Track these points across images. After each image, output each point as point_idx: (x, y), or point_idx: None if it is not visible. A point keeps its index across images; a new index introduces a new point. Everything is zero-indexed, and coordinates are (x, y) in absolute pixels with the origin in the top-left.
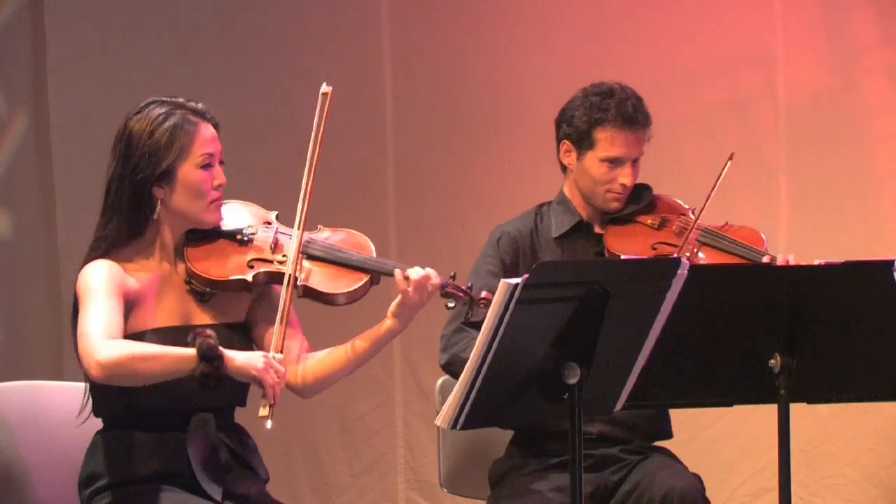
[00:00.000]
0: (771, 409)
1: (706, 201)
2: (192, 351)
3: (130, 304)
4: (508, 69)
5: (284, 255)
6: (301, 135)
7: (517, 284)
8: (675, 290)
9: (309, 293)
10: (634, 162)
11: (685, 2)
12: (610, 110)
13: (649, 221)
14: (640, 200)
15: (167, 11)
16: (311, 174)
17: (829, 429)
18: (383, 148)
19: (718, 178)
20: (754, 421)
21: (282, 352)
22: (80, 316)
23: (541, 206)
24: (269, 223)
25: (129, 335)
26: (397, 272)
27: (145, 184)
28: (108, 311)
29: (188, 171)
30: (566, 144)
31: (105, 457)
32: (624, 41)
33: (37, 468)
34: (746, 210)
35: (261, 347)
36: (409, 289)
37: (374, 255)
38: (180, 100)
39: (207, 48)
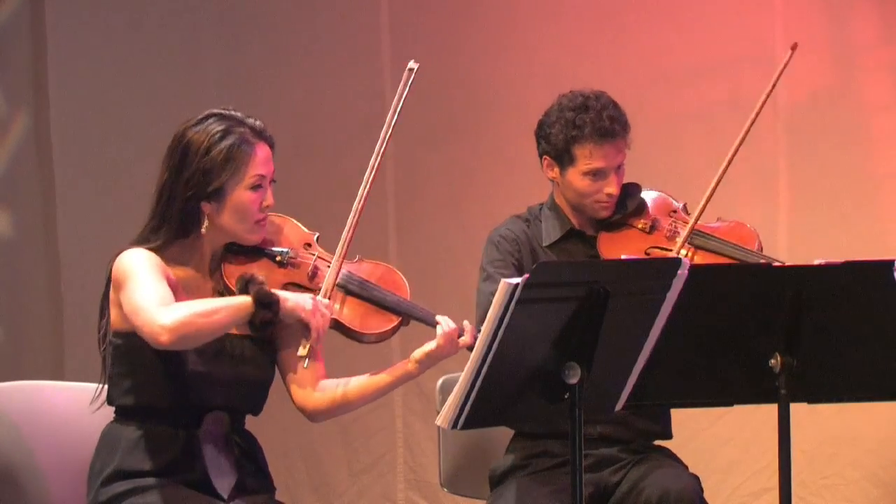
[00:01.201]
0: (771, 409)
1: (702, 207)
2: (247, 299)
3: None
4: (508, 68)
5: (321, 286)
6: (301, 134)
7: (517, 284)
8: (675, 290)
9: (338, 327)
10: (618, 169)
11: (685, 1)
12: (586, 126)
13: (640, 225)
14: (631, 203)
15: (167, 11)
16: (363, 202)
17: (830, 429)
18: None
19: (716, 184)
20: (754, 421)
21: (329, 298)
22: (130, 293)
23: (530, 208)
24: (310, 245)
25: None
26: (440, 322)
27: (196, 199)
28: (157, 284)
29: (239, 192)
30: (546, 160)
31: (117, 448)
32: (623, 41)
33: (37, 468)
34: (746, 210)
35: (284, 368)
36: (441, 342)
37: (409, 296)
38: (240, 115)
39: (207, 48)
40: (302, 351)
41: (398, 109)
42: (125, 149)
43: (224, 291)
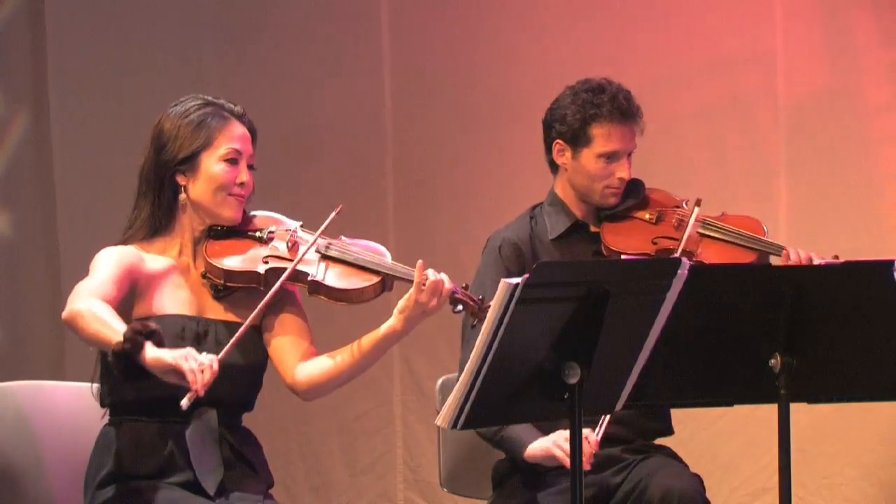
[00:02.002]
0: (771, 409)
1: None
2: (123, 327)
3: (143, 288)
4: (508, 68)
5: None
6: (300, 135)
7: (517, 284)
8: (675, 289)
9: (318, 288)
10: (629, 155)
11: (685, 1)
12: (604, 105)
13: (646, 216)
14: (634, 195)
15: (167, 11)
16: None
17: (829, 429)
18: (383, 146)
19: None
20: (754, 421)
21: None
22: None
23: (532, 208)
24: (291, 228)
25: (140, 318)
26: (418, 265)
27: (168, 166)
28: (103, 279)
29: (211, 161)
30: (559, 144)
31: (110, 450)
32: (623, 40)
33: (38, 467)
34: (746, 210)
35: (271, 349)
36: (424, 287)
37: (389, 261)
38: (221, 101)
39: (207, 47)
40: (184, 402)
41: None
42: (125, 149)
43: (207, 275)
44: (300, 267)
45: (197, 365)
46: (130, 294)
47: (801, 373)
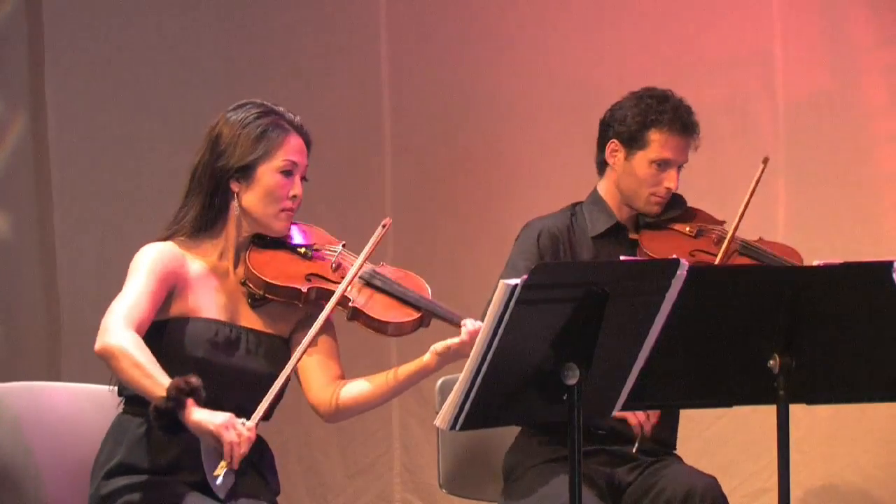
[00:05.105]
0: (770, 410)
1: (743, 209)
2: (166, 382)
3: (181, 288)
4: (507, 70)
5: (343, 278)
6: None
7: (516, 285)
8: (674, 290)
9: (358, 316)
10: (679, 168)
11: (684, 2)
12: (667, 113)
13: (687, 230)
14: (676, 209)
15: (165, 13)
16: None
17: (828, 429)
18: (381, 146)
19: (754, 187)
20: (753, 422)
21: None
22: (123, 289)
23: (574, 205)
24: (335, 249)
25: (174, 318)
26: (463, 329)
27: (224, 173)
28: (139, 295)
29: (268, 172)
30: (614, 143)
31: (122, 441)
32: (623, 41)
33: (34, 468)
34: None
35: (300, 369)
36: (466, 338)
37: (430, 297)
38: (280, 109)
39: (205, 48)
40: (217, 470)
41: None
42: (122, 151)
43: (247, 283)
44: (339, 288)
45: (236, 437)
46: (168, 294)
47: (800, 374)
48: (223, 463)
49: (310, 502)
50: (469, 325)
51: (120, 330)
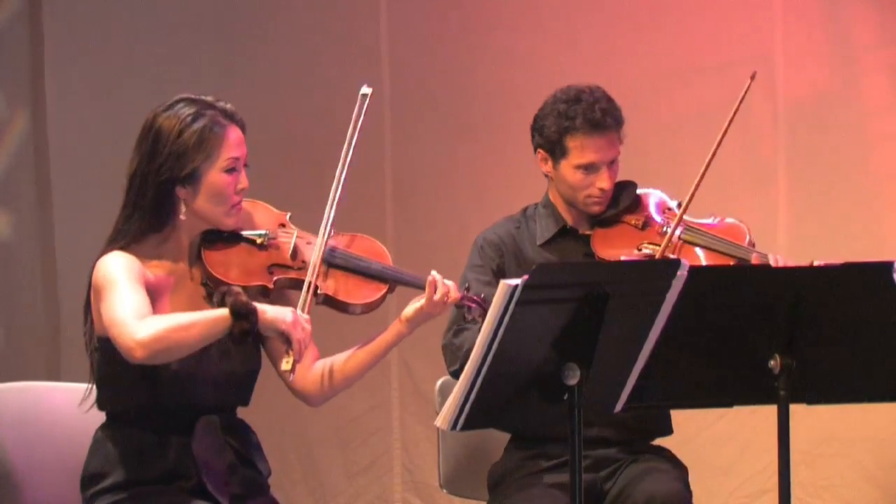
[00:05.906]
0: (770, 410)
1: (689, 197)
2: (224, 311)
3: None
4: (507, 69)
5: (304, 262)
6: (298, 134)
7: (517, 286)
8: (674, 291)
9: (328, 301)
10: (611, 164)
11: (685, 2)
12: (577, 117)
13: (633, 221)
14: (624, 200)
15: (166, 12)
16: (340, 183)
17: (829, 430)
18: (381, 147)
19: (705, 169)
20: (754, 422)
21: (308, 313)
22: (107, 305)
23: (525, 209)
24: (284, 225)
25: None
26: (429, 280)
27: (170, 184)
28: (134, 295)
29: (213, 175)
30: (541, 153)
31: (110, 456)
32: (623, 41)
33: (34, 469)
34: (745, 210)
35: (274, 357)
36: (436, 299)
37: (390, 262)
38: (209, 99)
39: (204, 49)
40: (285, 365)
41: (354, 136)
42: (122, 151)
43: (207, 282)
44: (308, 277)
45: (303, 334)
46: None
47: (801, 374)
48: (290, 359)
49: (310, 502)
50: (439, 283)
51: (140, 325)
